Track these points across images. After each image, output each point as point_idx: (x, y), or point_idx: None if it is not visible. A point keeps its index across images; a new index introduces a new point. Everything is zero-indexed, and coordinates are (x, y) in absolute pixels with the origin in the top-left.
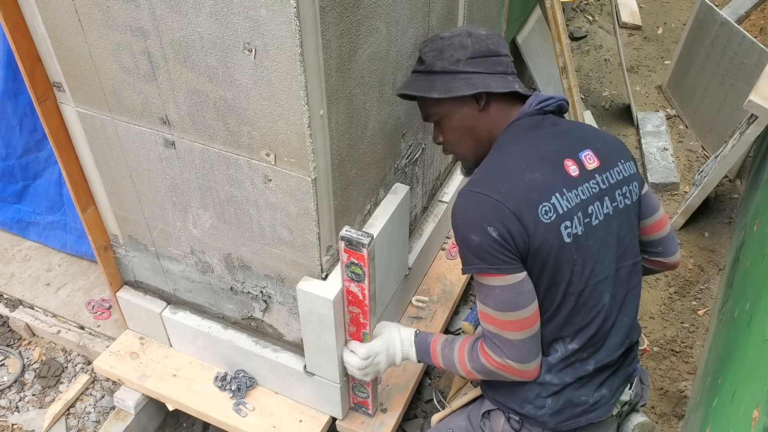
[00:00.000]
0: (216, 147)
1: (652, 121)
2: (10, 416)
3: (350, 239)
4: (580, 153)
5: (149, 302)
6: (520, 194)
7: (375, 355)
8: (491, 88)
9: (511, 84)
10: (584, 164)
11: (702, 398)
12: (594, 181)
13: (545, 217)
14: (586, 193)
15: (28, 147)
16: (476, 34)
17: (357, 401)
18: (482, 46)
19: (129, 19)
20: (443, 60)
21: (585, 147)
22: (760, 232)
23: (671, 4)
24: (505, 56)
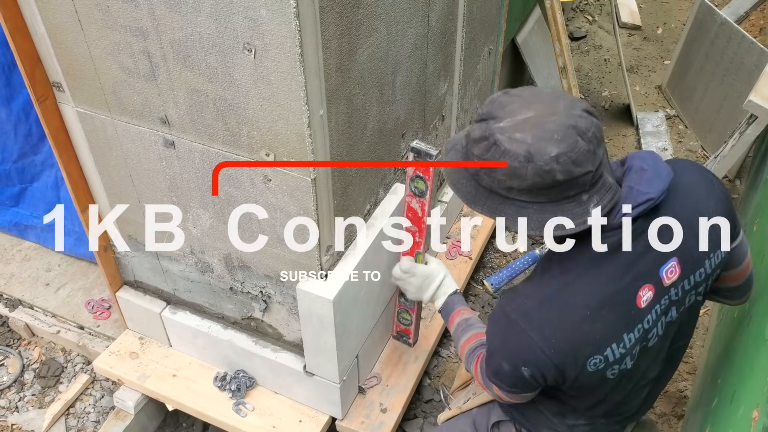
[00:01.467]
0: (216, 147)
1: (652, 121)
2: (10, 416)
3: (419, 150)
4: (661, 269)
5: (149, 302)
6: (571, 348)
7: (412, 275)
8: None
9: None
10: (663, 282)
11: (701, 398)
12: (666, 297)
13: (592, 367)
14: (652, 318)
15: (24, 151)
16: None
17: (400, 329)
18: (546, 179)
19: (129, 19)
20: (492, 179)
21: (672, 255)
22: (760, 232)
23: (671, 4)
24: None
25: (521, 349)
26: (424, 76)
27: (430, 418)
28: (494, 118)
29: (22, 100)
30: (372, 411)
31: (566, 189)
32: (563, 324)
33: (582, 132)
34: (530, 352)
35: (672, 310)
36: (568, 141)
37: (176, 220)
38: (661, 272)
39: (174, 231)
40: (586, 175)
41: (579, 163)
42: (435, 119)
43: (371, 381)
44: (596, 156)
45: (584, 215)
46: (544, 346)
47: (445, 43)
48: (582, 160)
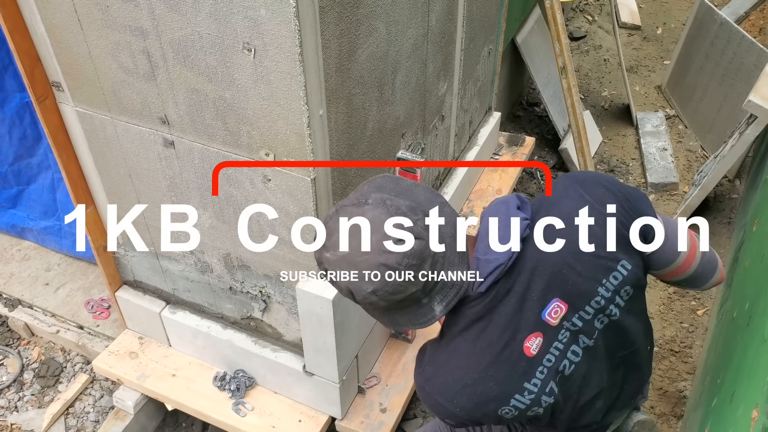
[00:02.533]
0: (215, 147)
1: (652, 121)
2: (9, 416)
3: (405, 160)
4: (543, 313)
5: (148, 302)
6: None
7: None
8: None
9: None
10: (549, 323)
11: (701, 398)
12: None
13: (507, 415)
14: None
15: (19, 154)
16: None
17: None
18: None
19: (128, 19)
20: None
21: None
22: (760, 232)
23: (671, 4)
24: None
25: (435, 408)
26: (423, 76)
27: (430, 418)
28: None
29: (15, 103)
30: (372, 411)
31: (400, 304)
32: (459, 388)
33: (393, 267)
34: (443, 411)
35: (581, 338)
36: (380, 279)
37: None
38: (543, 316)
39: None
40: (412, 295)
41: (397, 293)
42: (435, 119)
43: (371, 381)
44: (417, 279)
45: (429, 313)
46: (451, 407)
47: (445, 43)
48: (398, 289)
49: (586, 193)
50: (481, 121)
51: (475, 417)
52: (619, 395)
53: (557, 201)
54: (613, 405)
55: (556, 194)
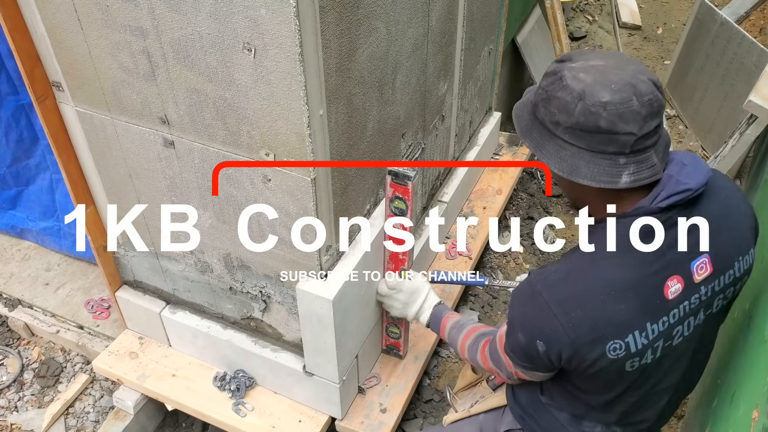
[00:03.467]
0: (215, 147)
1: None
2: (9, 416)
3: (396, 172)
4: (693, 263)
5: (148, 302)
6: (591, 327)
7: (398, 291)
8: (577, 176)
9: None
10: (693, 277)
11: (702, 399)
12: (696, 295)
13: (612, 353)
14: (678, 314)
15: (17, 156)
16: (591, 100)
17: (389, 343)
18: (589, 120)
19: (128, 19)
20: (546, 110)
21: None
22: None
23: (671, 4)
24: (626, 134)
25: (539, 320)
26: (424, 76)
27: (430, 418)
28: (570, 60)
29: (11, 106)
30: (372, 411)
31: (606, 142)
32: (586, 300)
33: (639, 94)
34: (548, 324)
35: (700, 313)
36: (623, 94)
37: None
38: (692, 267)
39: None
40: (628, 135)
41: (625, 120)
42: (435, 119)
43: (371, 381)
44: (644, 123)
45: (615, 176)
46: (563, 319)
47: (445, 43)
48: (629, 118)
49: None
50: (482, 121)
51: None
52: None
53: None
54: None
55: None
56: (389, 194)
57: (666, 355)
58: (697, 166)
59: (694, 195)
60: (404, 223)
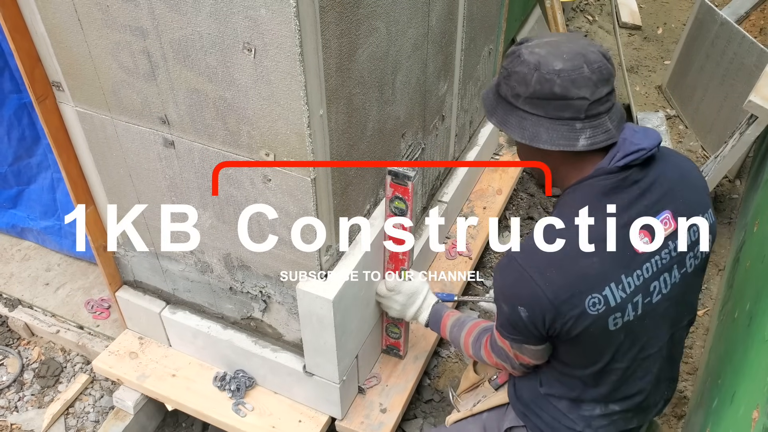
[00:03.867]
0: (215, 147)
1: (652, 121)
2: (9, 416)
3: (396, 172)
4: (658, 216)
5: (148, 302)
6: (567, 283)
7: (397, 292)
8: (538, 142)
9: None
10: (658, 231)
11: (702, 399)
12: (666, 250)
13: (592, 309)
14: (651, 269)
15: (18, 154)
16: (546, 69)
17: (389, 343)
18: (545, 87)
19: (128, 19)
20: (507, 86)
21: (665, 207)
22: (760, 232)
23: (671, 4)
24: (579, 99)
25: (517, 286)
26: (424, 76)
27: (430, 418)
28: (527, 41)
29: (13, 105)
30: (372, 411)
31: (562, 108)
32: (559, 258)
33: (589, 62)
34: (526, 288)
35: (674, 269)
36: (574, 62)
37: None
38: (658, 218)
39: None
40: (581, 100)
41: (577, 85)
42: (435, 119)
43: (371, 381)
44: (595, 88)
45: (573, 140)
46: (539, 280)
47: (446, 43)
48: (581, 83)
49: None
50: (482, 121)
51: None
52: (661, 385)
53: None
54: (653, 391)
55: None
56: (389, 194)
57: (648, 313)
58: (648, 132)
59: (648, 154)
60: (404, 223)
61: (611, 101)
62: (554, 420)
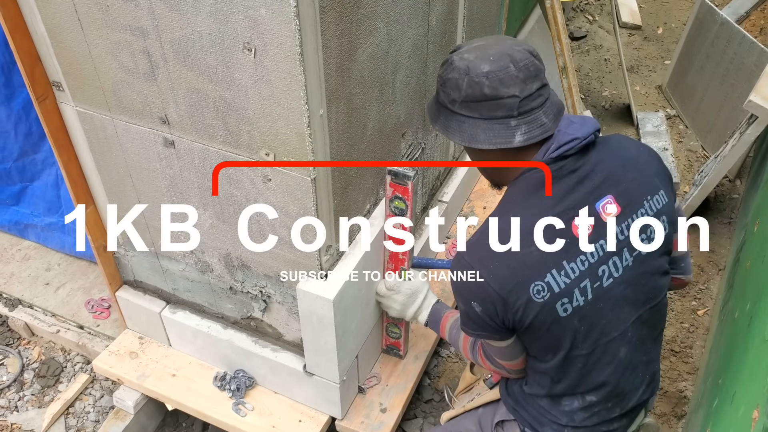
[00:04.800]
0: (215, 146)
1: (652, 121)
2: (10, 416)
3: (396, 172)
4: (597, 203)
5: (148, 302)
6: (510, 273)
7: (397, 292)
8: (477, 143)
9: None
10: (600, 216)
11: (702, 399)
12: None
13: (537, 296)
14: (597, 254)
15: (24, 150)
16: (474, 72)
17: (389, 343)
18: (476, 90)
19: (128, 19)
20: (444, 93)
21: (606, 192)
22: (761, 232)
23: (671, 4)
24: (510, 97)
25: (467, 282)
26: (424, 76)
27: (430, 418)
28: (459, 48)
29: (21, 99)
30: (372, 411)
31: (494, 108)
32: (501, 253)
33: (515, 60)
34: (474, 284)
35: (624, 252)
36: (500, 63)
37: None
38: (597, 206)
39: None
40: (512, 98)
41: (505, 84)
42: None
43: (371, 381)
44: (525, 85)
45: (509, 138)
46: (483, 273)
47: (446, 43)
48: (509, 82)
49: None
50: None
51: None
52: (636, 371)
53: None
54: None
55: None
56: (389, 194)
57: (600, 297)
58: (586, 121)
59: (583, 143)
60: (404, 222)
61: (544, 96)
62: (540, 415)
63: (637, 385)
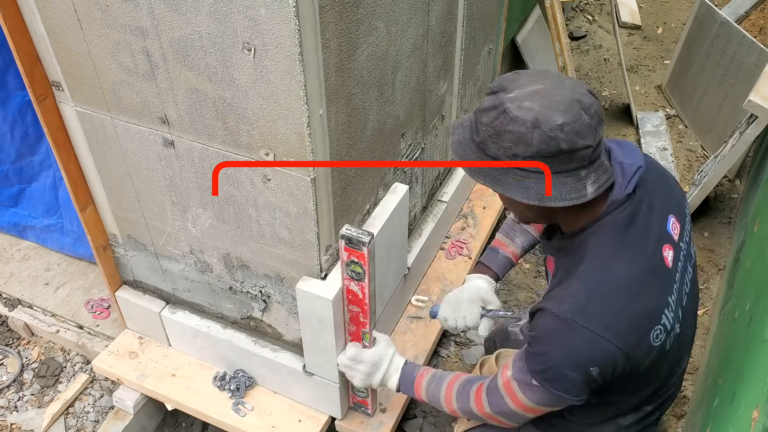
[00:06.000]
0: (215, 146)
1: (652, 120)
2: (9, 416)
3: (350, 237)
4: (667, 227)
5: (148, 302)
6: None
7: (359, 362)
8: (547, 201)
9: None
10: (673, 237)
11: (702, 399)
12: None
13: (656, 341)
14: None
15: (21, 152)
16: (548, 126)
17: (356, 401)
18: (551, 146)
19: (128, 19)
20: (498, 146)
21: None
22: (760, 232)
23: (671, 4)
24: (585, 148)
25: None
26: (423, 76)
27: (430, 418)
28: (504, 90)
29: (17, 102)
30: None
31: (567, 161)
32: (619, 307)
33: (586, 107)
34: (597, 348)
35: (688, 265)
36: (573, 112)
37: (175, 220)
38: (669, 230)
39: (173, 230)
40: (586, 149)
41: (582, 135)
42: (435, 119)
43: None
44: (596, 133)
45: (582, 190)
46: (608, 335)
47: (445, 43)
48: (585, 132)
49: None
50: None
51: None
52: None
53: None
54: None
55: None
56: (344, 258)
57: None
58: (624, 144)
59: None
60: (363, 285)
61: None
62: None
63: (677, 389)
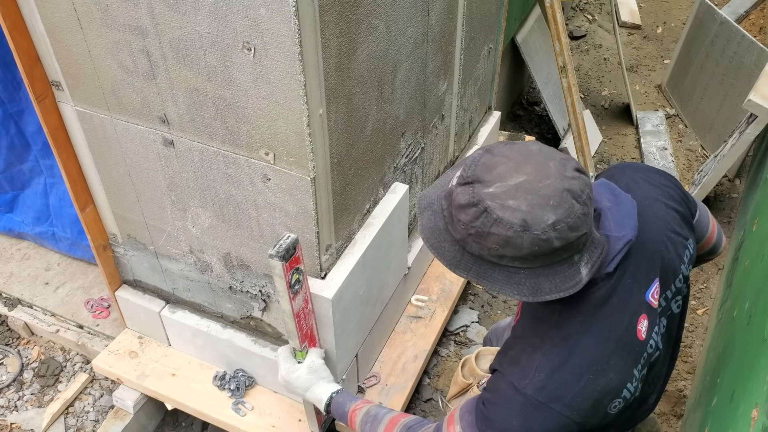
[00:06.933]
0: (215, 146)
1: (652, 120)
2: (9, 415)
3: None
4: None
5: (148, 301)
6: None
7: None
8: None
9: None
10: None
11: (701, 398)
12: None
13: (613, 410)
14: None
15: (10, 161)
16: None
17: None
18: (543, 247)
19: (128, 18)
20: (482, 246)
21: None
22: (760, 231)
23: (671, 4)
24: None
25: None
26: (423, 75)
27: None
28: (481, 182)
29: (0, 114)
30: None
31: (561, 252)
32: (581, 387)
33: (577, 195)
34: (555, 423)
35: (662, 322)
36: (564, 206)
37: (175, 219)
38: (647, 298)
39: (173, 230)
40: (581, 238)
41: (575, 228)
42: (434, 118)
43: (370, 380)
44: (589, 217)
45: (576, 276)
46: (567, 412)
47: (445, 42)
48: (578, 224)
49: (649, 179)
50: (481, 120)
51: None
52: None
53: (632, 188)
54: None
55: (623, 181)
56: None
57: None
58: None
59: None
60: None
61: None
62: None
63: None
